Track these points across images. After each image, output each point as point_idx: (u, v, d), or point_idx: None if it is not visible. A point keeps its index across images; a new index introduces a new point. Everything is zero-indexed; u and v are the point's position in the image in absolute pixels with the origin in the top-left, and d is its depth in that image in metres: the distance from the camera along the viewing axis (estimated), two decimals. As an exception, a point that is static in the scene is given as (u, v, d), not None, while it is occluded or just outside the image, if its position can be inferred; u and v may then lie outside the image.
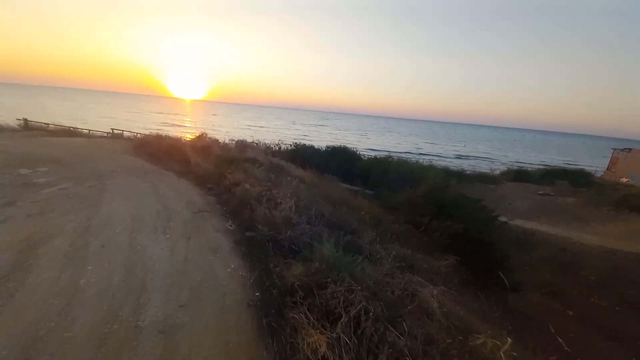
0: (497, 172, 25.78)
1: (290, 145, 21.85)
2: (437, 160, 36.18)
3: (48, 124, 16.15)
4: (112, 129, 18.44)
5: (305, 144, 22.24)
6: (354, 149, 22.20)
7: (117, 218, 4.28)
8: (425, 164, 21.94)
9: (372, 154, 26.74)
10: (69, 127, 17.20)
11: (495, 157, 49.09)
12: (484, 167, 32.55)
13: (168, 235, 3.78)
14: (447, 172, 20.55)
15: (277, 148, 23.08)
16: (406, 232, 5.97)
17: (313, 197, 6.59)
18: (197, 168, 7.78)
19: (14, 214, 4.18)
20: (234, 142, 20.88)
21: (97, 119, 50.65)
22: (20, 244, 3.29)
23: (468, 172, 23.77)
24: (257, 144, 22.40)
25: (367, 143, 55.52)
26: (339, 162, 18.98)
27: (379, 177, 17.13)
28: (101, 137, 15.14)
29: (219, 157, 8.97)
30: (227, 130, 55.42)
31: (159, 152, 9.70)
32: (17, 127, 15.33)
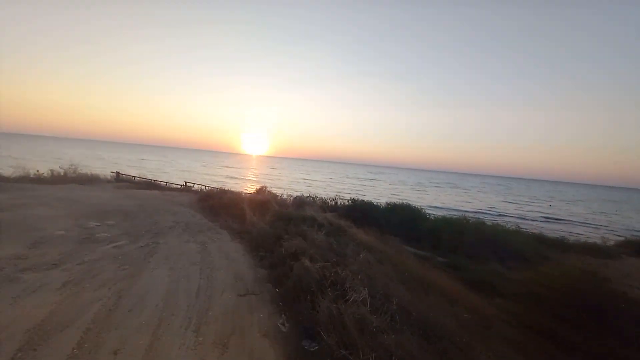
0: (611, 242, 20.08)
1: (348, 200, 20.83)
2: (520, 222, 30.73)
3: (135, 176, 18.36)
4: (186, 182, 20.24)
5: (363, 200, 20.96)
6: (418, 207, 20.04)
7: (150, 298, 3.46)
8: (509, 227, 18.27)
9: (435, 212, 23.84)
10: (151, 179, 19.34)
11: (596, 222, 39.89)
12: (586, 235, 26.22)
13: (200, 339, 2.72)
14: (542, 240, 16.63)
15: (334, 203, 22.27)
16: (535, 345, 3.88)
17: (387, 276, 5.09)
18: (252, 227, 7.07)
19: (52, 280, 3.71)
20: (291, 197, 20.88)
21: (177, 172, 58.33)
22: (27, 334, 2.56)
23: (571, 240, 18.99)
24: (313, 198, 22.06)
25: (428, 200, 51.23)
26: (400, 220, 16.96)
27: (453, 240, 14.45)
28: (175, 189, 16.39)
29: (275, 214, 8.26)
30: (284, 182, 58.06)
31: (219, 206, 9.52)
32: (110, 178, 17.78)
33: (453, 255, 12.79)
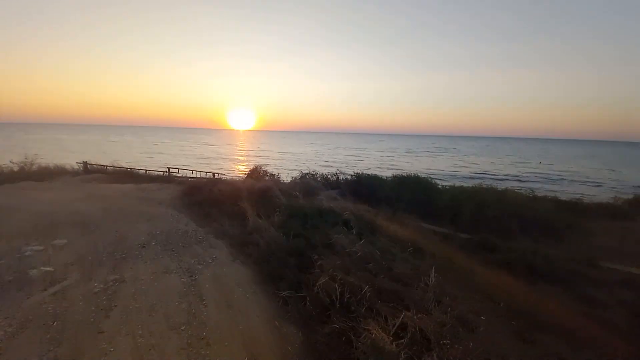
0: (619, 201, 19.30)
1: (351, 175, 19.00)
2: (522, 184, 29.86)
3: (107, 166, 15.79)
4: (169, 169, 17.74)
5: (368, 174, 19.15)
6: (429, 178, 18.47)
7: None
8: (525, 193, 16.94)
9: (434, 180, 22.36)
10: (127, 168, 16.78)
11: (595, 178, 39.76)
12: (593, 194, 25.65)
13: None
14: (559, 204, 15.44)
15: (335, 178, 20.49)
16: None
17: (472, 309, 3.40)
18: (258, 234, 5.17)
19: None
20: (293, 178, 18.81)
21: (158, 154, 54.57)
22: None
23: (585, 201, 18.02)
24: (313, 175, 20.13)
25: (421, 166, 49.99)
26: (412, 194, 15.39)
27: (473, 214, 13.01)
28: (156, 177, 14.01)
29: (285, 209, 6.35)
30: (274, 159, 55.52)
31: (209, 201, 7.51)
32: (78, 170, 15.19)
33: (476, 231, 11.38)
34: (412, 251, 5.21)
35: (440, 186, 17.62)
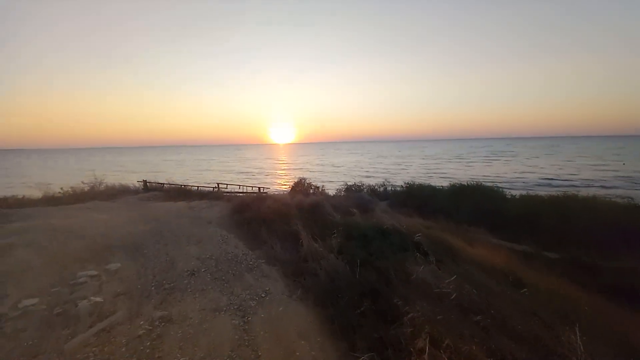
0: None
1: (401, 186, 17.62)
2: (608, 191, 25.17)
3: (163, 183, 16.72)
4: (218, 184, 18.28)
5: (420, 184, 17.59)
6: (494, 185, 16.27)
7: None
8: (621, 201, 13.83)
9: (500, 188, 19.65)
10: (181, 184, 17.63)
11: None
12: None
13: None
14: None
15: (382, 189, 19.24)
16: None
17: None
18: (315, 261, 4.40)
19: None
20: (339, 191, 18.07)
21: (205, 171, 58.29)
22: None
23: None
24: (359, 186, 19.15)
25: (473, 173, 45.51)
26: (474, 204, 13.49)
27: (557, 227, 10.76)
28: (207, 194, 14.33)
29: (342, 229, 5.52)
30: (316, 171, 55.54)
31: (258, 220, 7.02)
32: (139, 188, 16.30)
33: (561, 248, 9.27)
34: (513, 284, 3.99)
35: (508, 195, 15.35)
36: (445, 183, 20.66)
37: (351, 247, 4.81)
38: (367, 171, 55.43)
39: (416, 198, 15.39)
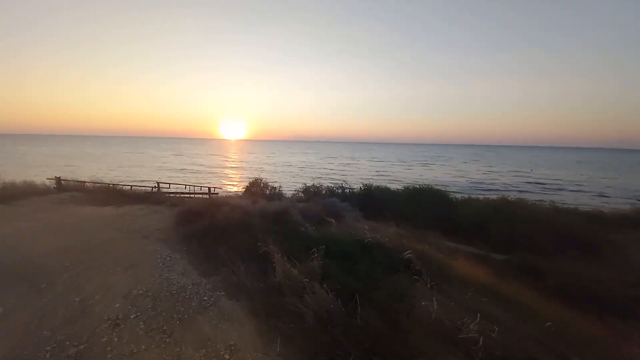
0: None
1: (361, 187, 17.47)
2: (522, 194, 28.93)
3: (85, 182, 13.69)
4: (158, 183, 15.74)
5: (378, 186, 17.67)
6: (443, 189, 17.12)
7: None
8: (543, 204, 15.73)
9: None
10: (109, 183, 14.68)
11: (586, 187, 39.49)
12: (599, 203, 25.04)
13: None
14: (580, 215, 14.28)
15: (340, 191, 18.89)
16: None
17: None
18: (297, 297, 3.46)
19: None
20: (297, 192, 17.11)
21: (144, 167, 51.80)
22: None
23: (607, 212, 17.05)
24: (317, 187, 18.48)
25: (415, 176, 48.94)
26: (430, 209, 13.96)
27: (503, 230, 11.64)
28: (143, 197, 12.00)
29: (321, 246, 4.66)
30: (269, 170, 53.60)
31: (213, 232, 5.74)
32: (50, 186, 13.05)
33: (508, 250, 10.03)
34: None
35: (454, 198, 16.31)
36: (393, 185, 21.39)
37: (335, 270, 3.99)
38: (318, 170, 55.52)
39: (376, 201, 15.37)
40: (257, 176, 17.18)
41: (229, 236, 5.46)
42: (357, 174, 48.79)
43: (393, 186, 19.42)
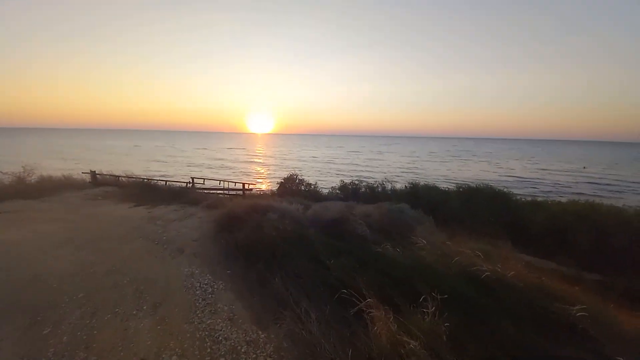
0: None
1: (406, 185, 15.71)
2: (596, 196, 25.23)
3: (119, 176, 13.29)
4: (192, 179, 15.01)
5: (426, 184, 15.80)
6: (505, 189, 14.85)
7: None
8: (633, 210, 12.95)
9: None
10: (144, 178, 14.18)
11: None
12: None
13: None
14: None
15: (380, 189, 17.23)
16: None
17: None
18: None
19: None
20: (333, 189, 15.77)
21: (176, 161, 52.93)
22: None
23: None
24: (357, 183, 17.00)
25: (453, 172, 45.31)
26: (488, 212, 11.92)
27: (591, 241, 9.42)
28: (178, 192, 11.23)
29: (413, 279, 3.23)
30: (302, 164, 52.66)
31: (261, 247, 4.50)
32: (86, 181, 12.77)
33: (598, 267, 7.95)
34: None
35: (518, 200, 14.00)
36: (430, 181, 19.28)
37: (462, 333, 2.52)
38: (350, 164, 53.60)
39: (423, 200, 13.56)
40: (292, 172, 16.04)
41: (282, 255, 4.18)
42: (388, 170, 46.34)
43: (439, 185, 17.38)
